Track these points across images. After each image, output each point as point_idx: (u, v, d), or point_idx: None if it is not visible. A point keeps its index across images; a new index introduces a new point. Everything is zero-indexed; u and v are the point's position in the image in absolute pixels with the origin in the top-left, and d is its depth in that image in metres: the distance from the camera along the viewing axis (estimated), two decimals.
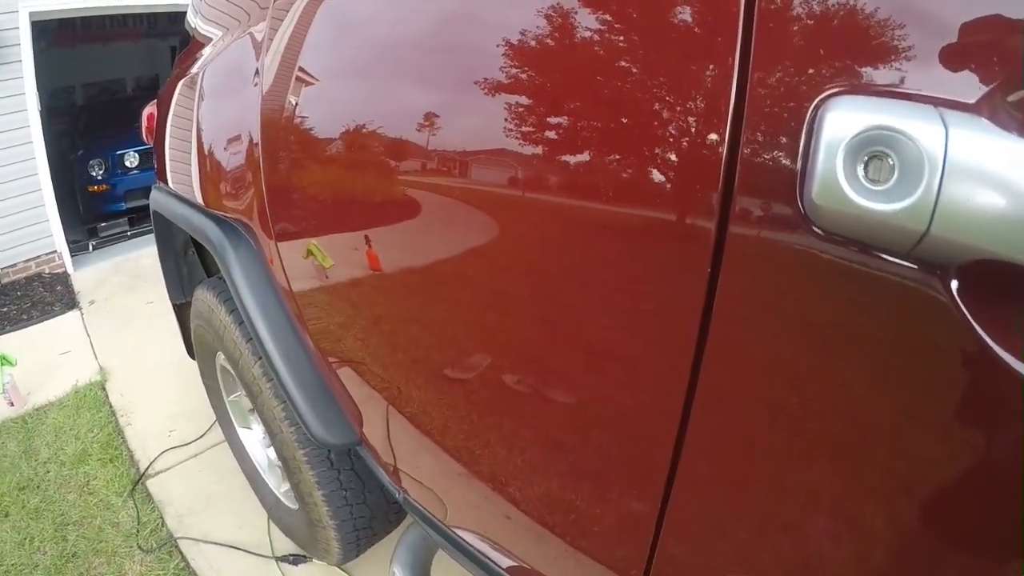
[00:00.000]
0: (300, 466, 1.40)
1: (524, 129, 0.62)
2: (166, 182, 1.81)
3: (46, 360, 3.53)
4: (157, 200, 1.85)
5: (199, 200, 1.51)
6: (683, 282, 0.53)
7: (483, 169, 0.69)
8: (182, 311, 2.22)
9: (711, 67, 0.48)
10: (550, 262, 0.65)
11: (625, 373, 0.63)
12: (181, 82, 1.69)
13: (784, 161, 0.44)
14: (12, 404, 3.05)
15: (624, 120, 0.54)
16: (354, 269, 0.97)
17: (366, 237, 0.91)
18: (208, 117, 1.46)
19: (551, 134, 0.60)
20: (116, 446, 2.73)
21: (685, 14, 0.50)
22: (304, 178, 1.04)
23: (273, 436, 1.46)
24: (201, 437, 2.73)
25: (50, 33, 5.57)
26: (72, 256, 5.12)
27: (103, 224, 5.80)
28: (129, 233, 5.87)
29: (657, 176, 0.52)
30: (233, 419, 2.11)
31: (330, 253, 1.02)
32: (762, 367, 0.51)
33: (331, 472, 1.40)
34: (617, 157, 0.55)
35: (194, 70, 1.57)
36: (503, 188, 0.66)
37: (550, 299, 0.67)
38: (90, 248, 5.56)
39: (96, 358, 3.52)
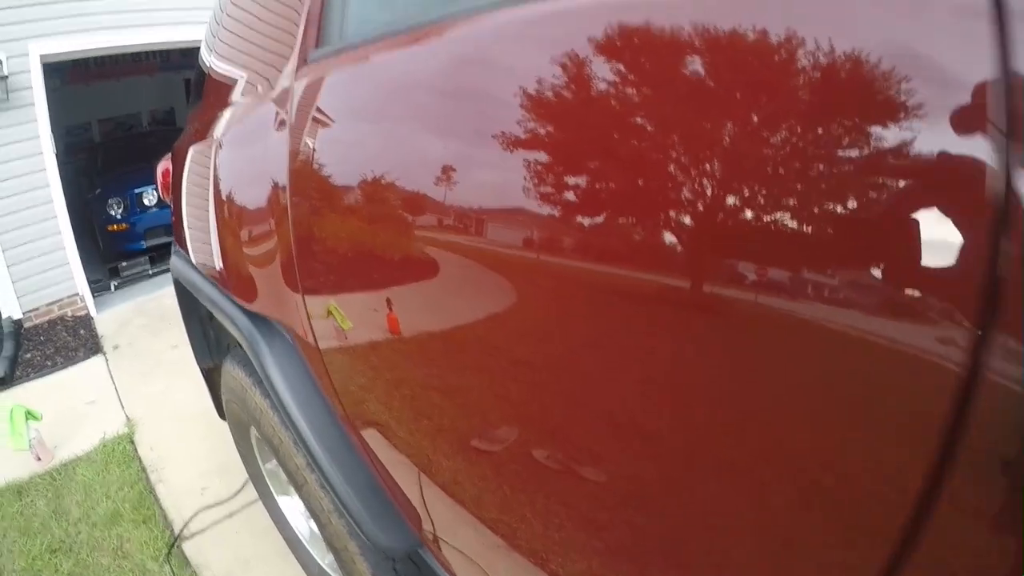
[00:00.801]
0: (353, 557, 1.28)
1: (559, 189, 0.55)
2: (185, 249, 1.70)
3: (71, 410, 3.46)
4: (178, 269, 1.74)
5: (225, 289, 1.39)
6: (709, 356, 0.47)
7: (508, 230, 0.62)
8: (211, 373, 2.10)
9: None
10: (578, 330, 0.58)
11: (658, 448, 0.55)
12: (195, 147, 1.58)
13: None
14: (39, 459, 2.97)
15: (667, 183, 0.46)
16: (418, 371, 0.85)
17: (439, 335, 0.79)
18: (232, 203, 1.31)
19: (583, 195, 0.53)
20: (148, 505, 2.62)
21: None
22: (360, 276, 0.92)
23: (321, 526, 1.35)
24: (236, 495, 2.62)
25: (64, 71, 5.55)
26: (94, 297, 5.09)
27: (124, 264, 5.76)
28: (150, 272, 5.84)
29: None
30: (271, 487, 1.99)
31: (386, 360, 0.90)
32: None
33: (387, 562, 1.28)
34: (647, 220, 0.48)
35: (214, 136, 1.45)
36: (522, 251, 0.60)
37: (574, 369, 0.60)
38: (112, 288, 5.52)
39: (123, 407, 3.43)
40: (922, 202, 0.34)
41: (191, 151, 1.61)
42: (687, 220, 0.45)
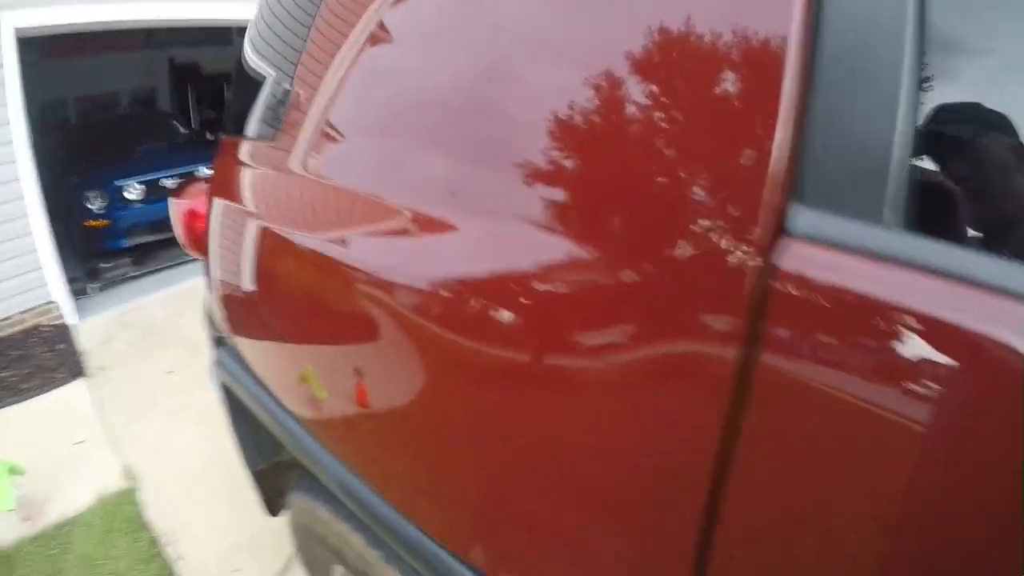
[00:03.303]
0: None
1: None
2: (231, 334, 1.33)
3: (57, 451, 2.96)
4: (230, 371, 1.34)
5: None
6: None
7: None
8: (262, 473, 1.64)
9: None
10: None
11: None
12: (234, 212, 1.23)
13: None
14: (29, 519, 2.53)
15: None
16: None
17: None
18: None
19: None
20: None
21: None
22: None
23: None
24: None
25: (39, 44, 4.96)
26: (73, 300, 4.51)
27: (104, 265, 5.18)
28: (134, 273, 5.26)
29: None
30: None
31: None
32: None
33: None
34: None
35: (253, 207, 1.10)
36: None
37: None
38: (91, 292, 4.94)
39: (119, 453, 2.92)
40: None
41: (227, 211, 1.23)
42: None
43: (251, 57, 1.34)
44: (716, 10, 0.52)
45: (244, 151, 1.27)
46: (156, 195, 5.33)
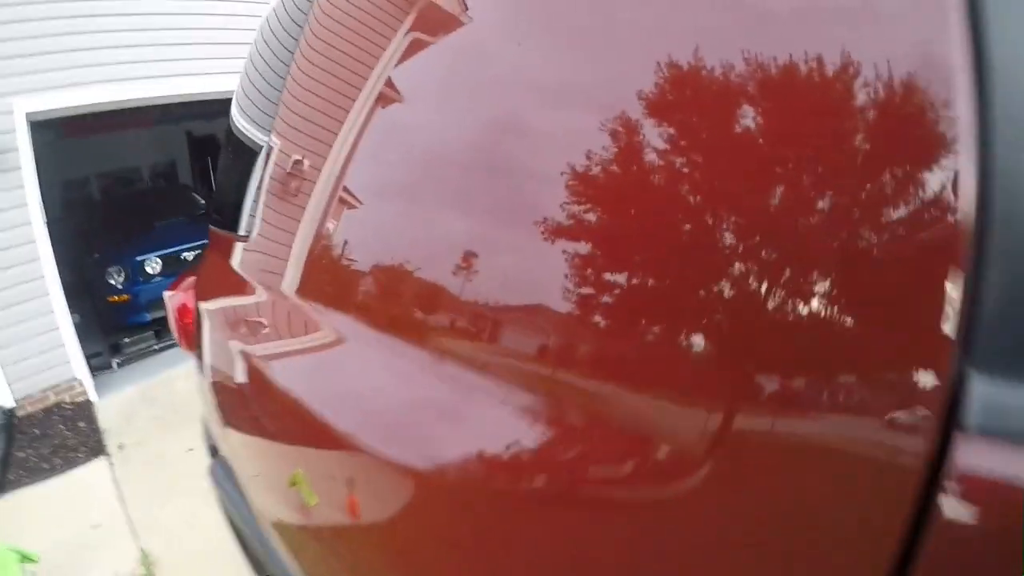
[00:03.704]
0: None
1: None
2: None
3: (75, 536, 2.86)
4: (232, 502, 1.19)
5: None
6: None
7: None
8: None
9: None
10: None
11: None
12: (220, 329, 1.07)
13: None
14: None
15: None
16: None
17: None
18: None
19: None
20: None
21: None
22: None
23: None
24: None
25: (59, 124, 5.07)
26: (94, 376, 4.53)
27: (127, 340, 5.17)
28: (156, 347, 5.25)
29: None
30: None
31: None
32: None
33: None
34: None
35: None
36: None
37: None
38: (114, 367, 4.92)
39: (136, 537, 2.81)
40: None
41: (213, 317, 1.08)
42: None
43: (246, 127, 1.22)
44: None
45: (234, 255, 1.13)
46: (176, 269, 5.34)
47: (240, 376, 0.96)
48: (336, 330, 0.76)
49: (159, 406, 4.16)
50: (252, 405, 0.97)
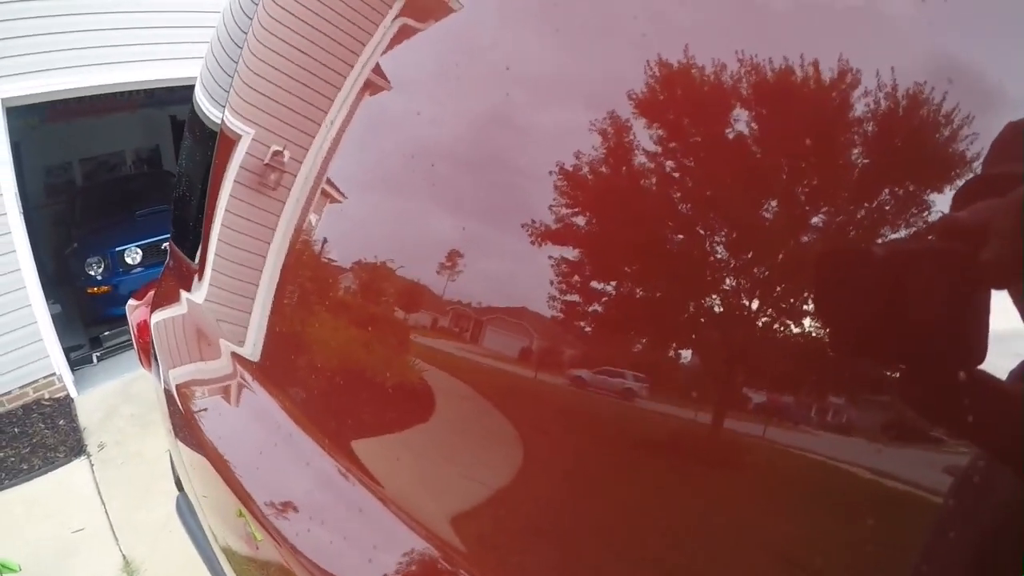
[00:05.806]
0: None
1: None
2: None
3: (55, 541, 2.84)
4: (197, 540, 1.14)
5: None
6: None
7: None
8: None
9: None
10: None
11: None
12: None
13: None
14: None
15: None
16: None
17: None
18: None
19: None
20: None
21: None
22: None
23: None
24: None
25: (42, 109, 4.93)
26: (74, 371, 4.48)
27: (107, 332, 5.07)
28: None
29: None
30: None
31: None
32: None
33: None
34: None
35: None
36: None
37: None
38: (94, 360, 4.85)
39: (118, 542, 2.79)
40: None
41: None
42: None
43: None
44: None
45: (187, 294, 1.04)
46: (158, 259, 5.24)
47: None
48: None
49: (139, 403, 4.11)
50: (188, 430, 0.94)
